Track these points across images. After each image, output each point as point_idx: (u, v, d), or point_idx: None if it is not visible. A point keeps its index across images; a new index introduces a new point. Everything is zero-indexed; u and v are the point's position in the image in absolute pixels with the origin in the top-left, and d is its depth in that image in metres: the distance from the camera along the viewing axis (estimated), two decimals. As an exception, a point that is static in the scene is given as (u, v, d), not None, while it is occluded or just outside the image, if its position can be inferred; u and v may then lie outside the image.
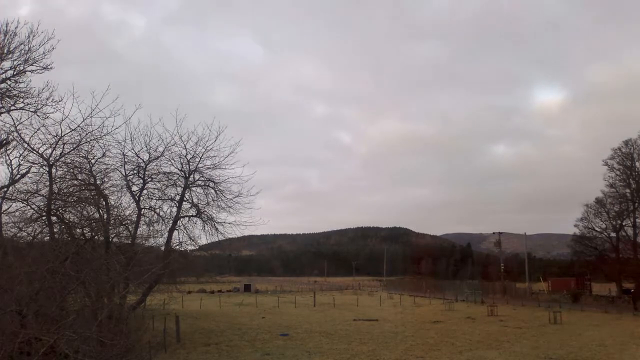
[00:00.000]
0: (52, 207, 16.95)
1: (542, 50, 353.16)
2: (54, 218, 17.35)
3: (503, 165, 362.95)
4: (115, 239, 19.81)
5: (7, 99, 14.95)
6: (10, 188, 16.21)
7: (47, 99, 15.09)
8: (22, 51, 14.33)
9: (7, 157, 16.04)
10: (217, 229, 25.22)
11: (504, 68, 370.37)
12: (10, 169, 16.18)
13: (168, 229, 24.00)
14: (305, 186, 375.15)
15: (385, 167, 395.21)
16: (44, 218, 17.09)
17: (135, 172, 23.33)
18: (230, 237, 26.23)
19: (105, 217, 19.08)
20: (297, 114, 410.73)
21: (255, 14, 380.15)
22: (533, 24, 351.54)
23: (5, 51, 14.08)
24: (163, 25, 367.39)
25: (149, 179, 23.77)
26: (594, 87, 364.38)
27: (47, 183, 17.03)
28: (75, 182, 18.78)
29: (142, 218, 22.91)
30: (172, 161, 24.31)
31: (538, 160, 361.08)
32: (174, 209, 24.67)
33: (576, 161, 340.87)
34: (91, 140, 17.45)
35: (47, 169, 16.93)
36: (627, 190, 52.40)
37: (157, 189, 24.36)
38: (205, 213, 25.08)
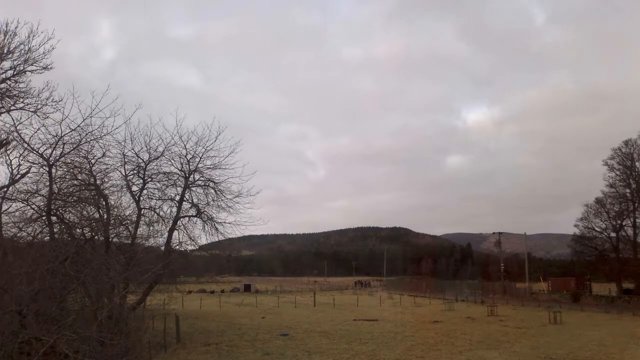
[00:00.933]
0: (52, 207, 16.96)
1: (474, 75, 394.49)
2: (54, 218, 17.36)
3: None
4: (115, 239, 19.80)
5: (7, 99, 14.98)
6: (10, 188, 16.23)
7: (47, 99, 15.13)
8: (22, 51, 14.37)
9: (7, 157, 16.09)
10: (217, 229, 25.18)
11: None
12: (10, 169, 16.22)
13: (168, 229, 23.97)
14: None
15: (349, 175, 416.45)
16: (44, 218, 17.09)
17: (135, 172, 23.31)
18: (230, 237, 26.14)
19: (105, 217, 19.07)
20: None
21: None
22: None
23: (5, 51, 14.10)
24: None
25: (149, 179, 23.75)
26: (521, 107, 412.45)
27: (47, 183, 17.05)
28: (75, 182, 18.79)
29: (142, 218, 22.88)
30: (172, 161, 24.29)
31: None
32: (174, 209, 24.65)
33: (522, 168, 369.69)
34: (91, 140, 17.47)
35: (47, 169, 16.94)
36: (627, 190, 52.42)
37: (157, 189, 24.34)
38: (205, 213, 25.06)
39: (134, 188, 23.26)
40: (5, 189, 16.00)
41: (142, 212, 22.84)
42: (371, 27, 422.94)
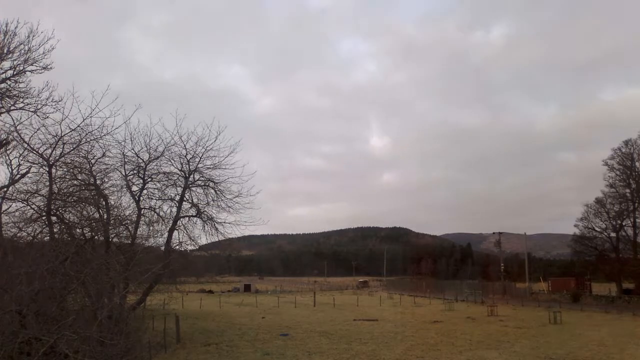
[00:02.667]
0: (52, 207, 16.96)
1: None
2: (54, 218, 17.36)
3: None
4: (115, 239, 19.80)
5: (7, 99, 14.97)
6: (10, 188, 16.23)
7: (47, 99, 15.12)
8: (22, 51, 14.36)
9: (7, 157, 16.09)
10: (217, 229, 25.20)
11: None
12: (10, 169, 16.22)
13: (168, 229, 23.98)
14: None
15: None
16: (44, 218, 17.09)
17: (135, 172, 23.32)
18: (230, 237, 26.18)
19: (105, 217, 19.07)
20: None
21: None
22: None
23: (5, 51, 14.09)
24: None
25: (149, 179, 23.77)
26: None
27: (47, 183, 17.05)
28: (75, 182, 18.79)
29: (142, 218, 22.89)
30: (172, 161, 24.32)
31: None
32: (174, 209, 24.67)
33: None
34: (91, 140, 17.48)
35: (47, 169, 16.94)
36: (627, 190, 52.40)
37: (157, 189, 24.37)
38: (205, 213, 25.07)
39: (134, 188, 23.30)
40: (5, 189, 16.00)
41: (142, 212, 22.85)
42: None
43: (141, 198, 23.38)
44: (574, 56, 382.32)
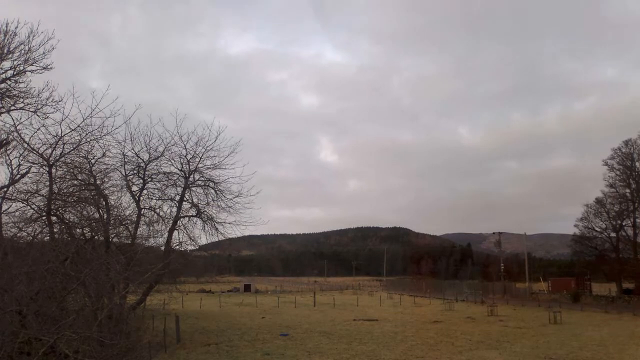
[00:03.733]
0: (52, 207, 16.95)
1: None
2: (54, 218, 17.35)
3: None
4: (115, 239, 19.79)
5: (7, 99, 14.96)
6: (10, 188, 16.21)
7: (47, 99, 15.10)
8: (22, 51, 14.35)
9: (7, 157, 16.05)
10: (217, 229, 25.20)
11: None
12: (10, 169, 16.18)
13: (168, 229, 23.98)
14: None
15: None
16: (44, 218, 17.08)
17: (135, 172, 23.33)
18: (230, 237, 26.17)
19: (105, 217, 19.07)
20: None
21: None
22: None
23: (5, 51, 14.09)
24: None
25: (149, 179, 23.77)
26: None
27: (47, 183, 17.03)
28: (75, 182, 18.78)
29: (142, 218, 22.89)
30: (172, 161, 24.32)
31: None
32: (174, 209, 24.66)
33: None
34: (91, 140, 17.45)
35: (47, 169, 16.92)
36: (627, 190, 52.43)
37: (157, 189, 24.36)
38: (205, 213, 25.08)
39: (134, 188, 23.30)
40: (5, 189, 15.99)
41: (142, 212, 22.85)
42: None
43: (141, 198, 23.39)
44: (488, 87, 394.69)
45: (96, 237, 18.44)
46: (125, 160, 22.45)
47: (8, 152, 15.96)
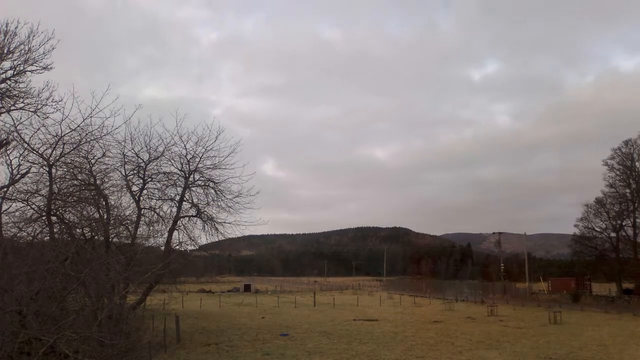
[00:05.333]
0: (52, 207, 16.95)
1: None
2: (54, 218, 17.35)
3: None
4: (115, 239, 19.80)
5: (7, 99, 14.97)
6: (10, 188, 16.21)
7: (47, 99, 15.11)
8: (22, 51, 14.35)
9: (7, 157, 16.05)
10: (217, 229, 25.21)
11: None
12: (10, 169, 16.19)
13: (168, 229, 23.99)
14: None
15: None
16: (44, 218, 17.09)
17: (135, 172, 23.33)
18: (230, 237, 26.21)
19: (105, 217, 19.07)
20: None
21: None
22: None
23: (5, 51, 14.09)
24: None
25: (149, 179, 23.78)
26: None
27: (47, 183, 17.04)
28: (75, 182, 18.78)
29: (142, 218, 22.90)
30: (172, 161, 24.33)
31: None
32: (174, 209, 24.68)
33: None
34: (91, 140, 17.46)
35: (47, 169, 16.93)
36: (627, 190, 52.41)
37: (157, 189, 24.38)
38: (205, 213, 25.09)
39: (134, 188, 23.31)
40: (5, 189, 15.99)
41: (142, 212, 22.86)
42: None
43: (141, 198, 23.40)
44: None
45: (96, 237, 18.46)
46: (125, 160, 22.49)
47: (8, 152, 15.97)
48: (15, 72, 14.59)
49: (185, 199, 24.72)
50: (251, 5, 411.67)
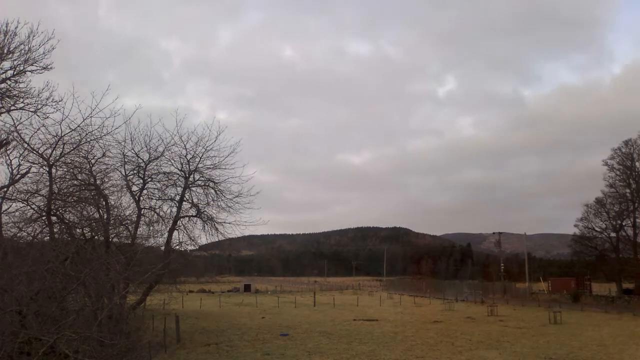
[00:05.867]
0: (52, 207, 16.96)
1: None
2: (54, 218, 17.36)
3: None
4: (115, 239, 19.81)
5: (7, 99, 14.97)
6: (10, 188, 16.22)
7: (47, 99, 15.12)
8: (22, 51, 14.35)
9: (7, 157, 16.07)
10: (217, 229, 25.20)
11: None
12: (10, 169, 16.21)
13: (168, 229, 23.99)
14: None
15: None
16: (44, 218, 17.09)
17: (135, 172, 23.33)
18: (230, 237, 26.19)
19: (105, 217, 19.08)
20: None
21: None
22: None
23: (5, 51, 14.09)
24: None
25: (149, 179, 23.77)
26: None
27: (47, 183, 17.05)
28: (75, 182, 18.79)
29: (142, 218, 22.90)
30: (172, 161, 24.32)
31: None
32: (174, 209, 24.67)
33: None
34: (91, 140, 17.47)
35: (47, 169, 16.94)
36: (627, 190, 52.40)
37: (157, 189, 24.37)
38: (205, 213, 25.08)
39: (134, 188, 23.31)
40: (5, 189, 16.00)
41: (142, 212, 22.86)
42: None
43: (141, 198, 23.40)
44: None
45: (96, 237, 18.46)
46: (125, 160, 22.48)
47: (8, 152, 15.98)
48: (15, 72, 14.60)
49: (185, 199, 24.73)
50: (219, 29, 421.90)
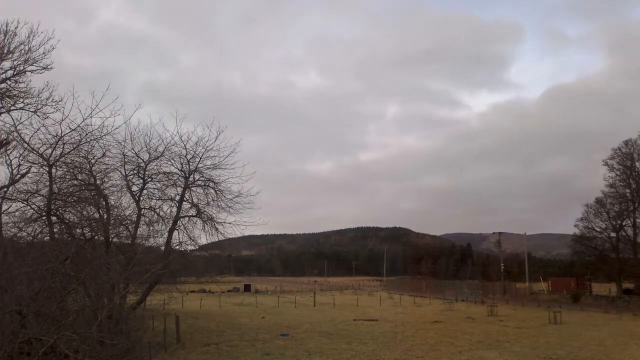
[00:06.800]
0: (52, 207, 16.96)
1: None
2: (54, 218, 17.36)
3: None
4: (115, 239, 19.80)
5: (7, 99, 14.96)
6: (10, 188, 16.22)
7: (47, 99, 15.10)
8: (22, 51, 14.34)
9: (7, 157, 16.06)
10: (217, 229, 25.19)
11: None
12: (10, 169, 16.20)
13: (168, 229, 23.99)
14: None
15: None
16: (44, 218, 17.10)
17: (135, 172, 23.33)
18: (230, 237, 26.18)
19: (105, 217, 19.09)
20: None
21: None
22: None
23: (5, 51, 14.09)
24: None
25: (149, 179, 23.77)
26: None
27: (47, 183, 17.05)
28: (75, 182, 18.80)
29: (142, 218, 22.90)
30: (172, 161, 24.32)
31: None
32: (174, 209, 24.66)
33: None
34: (91, 140, 17.47)
35: (47, 169, 16.94)
36: (627, 190, 52.42)
37: (157, 189, 24.37)
38: (205, 213, 25.07)
39: (134, 188, 23.31)
40: (5, 189, 16.00)
41: (142, 212, 22.86)
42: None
43: (141, 198, 23.40)
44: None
45: (96, 237, 18.45)
46: (125, 160, 22.48)
47: (8, 152, 15.98)
48: (15, 72, 14.59)
49: (185, 199, 24.72)
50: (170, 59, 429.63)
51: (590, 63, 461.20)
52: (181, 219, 24.70)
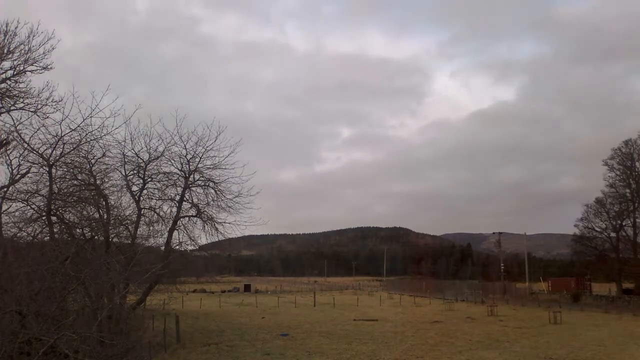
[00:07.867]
0: (52, 207, 16.96)
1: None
2: (54, 218, 17.36)
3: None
4: (115, 239, 19.79)
5: (7, 99, 14.98)
6: (10, 188, 16.22)
7: (47, 99, 15.12)
8: (22, 51, 14.36)
9: (7, 157, 16.07)
10: (217, 229, 25.14)
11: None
12: (10, 169, 16.20)
13: (168, 229, 23.94)
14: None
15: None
16: (44, 218, 17.09)
17: (135, 172, 23.29)
18: (230, 237, 26.10)
19: (105, 217, 19.07)
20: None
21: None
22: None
23: (5, 51, 14.10)
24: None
25: (149, 179, 23.73)
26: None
27: (47, 183, 17.04)
28: (75, 182, 18.78)
29: (142, 218, 22.86)
30: (172, 161, 24.27)
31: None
32: (174, 209, 24.62)
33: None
34: (91, 140, 17.44)
35: (47, 169, 16.93)
36: (627, 190, 52.42)
37: (157, 189, 24.31)
38: (205, 213, 25.03)
39: (134, 188, 23.26)
40: (5, 189, 16.00)
41: (142, 212, 22.83)
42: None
43: (141, 198, 23.35)
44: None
45: (96, 237, 18.44)
46: (125, 160, 22.43)
47: (8, 152, 15.98)
48: (15, 72, 14.61)
49: (185, 199, 24.69)
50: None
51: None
52: (181, 219, 24.67)
